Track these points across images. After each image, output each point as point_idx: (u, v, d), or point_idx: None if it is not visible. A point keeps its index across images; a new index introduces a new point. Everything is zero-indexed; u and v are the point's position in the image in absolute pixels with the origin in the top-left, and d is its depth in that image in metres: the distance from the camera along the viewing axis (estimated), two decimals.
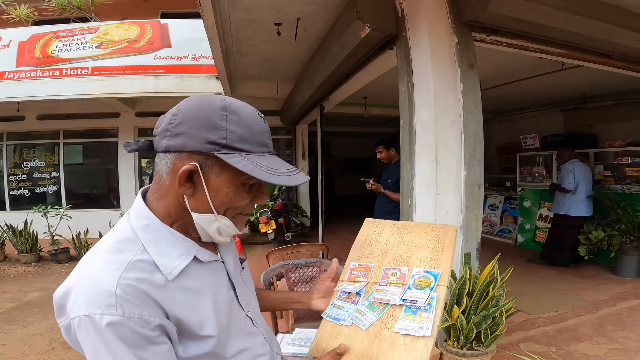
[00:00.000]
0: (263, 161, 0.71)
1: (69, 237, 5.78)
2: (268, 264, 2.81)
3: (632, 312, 3.37)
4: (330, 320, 0.95)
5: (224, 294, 0.79)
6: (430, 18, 2.47)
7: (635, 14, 2.87)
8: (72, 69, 6.64)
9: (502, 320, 2.30)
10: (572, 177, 4.77)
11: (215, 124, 0.67)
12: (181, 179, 0.68)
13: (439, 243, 1.02)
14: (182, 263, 0.70)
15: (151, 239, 0.69)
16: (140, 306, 0.61)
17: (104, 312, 0.59)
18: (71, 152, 8.16)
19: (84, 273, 0.65)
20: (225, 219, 0.74)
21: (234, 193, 0.73)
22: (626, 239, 4.36)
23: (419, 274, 0.96)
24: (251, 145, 0.70)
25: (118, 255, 0.65)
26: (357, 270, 1.03)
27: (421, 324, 0.85)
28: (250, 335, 0.83)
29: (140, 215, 0.72)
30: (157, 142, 0.71)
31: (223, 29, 3.66)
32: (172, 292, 0.67)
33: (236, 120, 0.69)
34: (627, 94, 5.83)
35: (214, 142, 0.67)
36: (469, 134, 2.57)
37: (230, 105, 0.70)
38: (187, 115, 0.68)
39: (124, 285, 0.61)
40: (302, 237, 6.63)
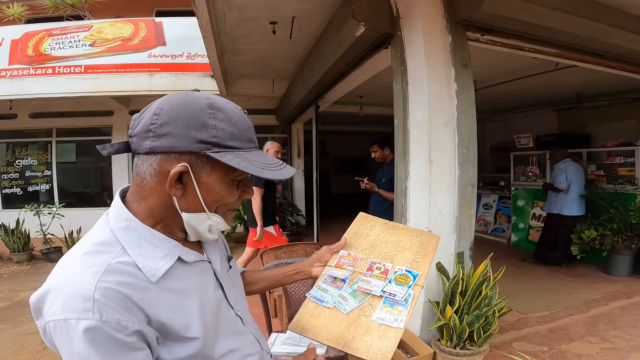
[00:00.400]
0: (253, 157, 0.71)
1: (61, 236, 5.73)
2: (262, 263, 2.80)
3: (623, 312, 3.39)
4: (313, 301, 1.00)
5: (211, 294, 0.78)
6: (425, 17, 2.48)
7: (629, 14, 2.88)
8: (65, 67, 6.58)
9: (495, 319, 2.32)
10: (565, 177, 4.81)
11: (205, 123, 0.67)
12: (172, 180, 0.66)
13: (422, 248, 1.11)
14: (166, 264, 0.68)
15: (132, 241, 0.67)
16: (119, 311, 0.59)
17: (80, 317, 0.57)
18: (64, 150, 8.07)
19: (61, 276, 0.63)
20: (216, 216, 0.74)
21: (225, 190, 0.73)
22: (618, 239, 4.38)
23: (400, 271, 1.05)
24: (240, 142, 0.70)
25: (97, 258, 0.63)
26: (346, 259, 1.10)
27: (396, 316, 0.94)
28: (239, 335, 0.82)
29: (120, 217, 0.70)
30: (136, 144, 0.68)
31: (218, 27, 3.64)
32: (156, 295, 0.65)
33: (224, 118, 0.69)
34: (620, 94, 5.88)
35: (204, 141, 0.66)
36: (463, 133, 2.58)
37: (215, 103, 0.69)
38: (171, 114, 0.66)
39: (103, 288, 0.59)
40: (297, 236, 6.62)
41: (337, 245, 1.13)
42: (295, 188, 8.09)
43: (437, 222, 2.56)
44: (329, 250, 1.11)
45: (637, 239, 4.27)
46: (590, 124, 6.64)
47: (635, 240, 4.28)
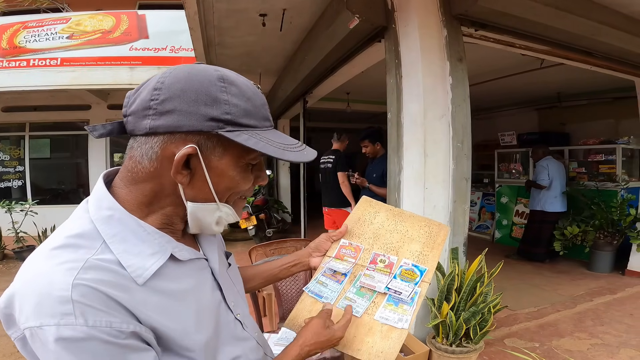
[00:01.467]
0: (271, 136, 0.62)
1: (34, 234, 5.50)
2: (250, 261, 2.72)
3: (608, 308, 3.46)
4: (311, 296, 0.93)
5: (209, 296, 0.68)
6: (420, 10, 2.44)
7: (619, 12, 2.93)
8: (40, 60, 6.34)
9: (491, 316, 2.31)
10: (547, 174, 4.91)
11: (216, 98, 0.57)
12: (179, 165, 0.56)
13: (430, 239, 1.01)
14: (156, 263, 0.58)
15: (115, 234, 0.57)
16: (107, 312, 0.50)
17: (59, 323, 0.47)
18: (38, 145, 7.78)
19: (28, 275, 0.52)
20: (227, 206, 0.65)
21: (240, 176, 0.64)
22: (600, 235, 4.49)
23: (407, 265, 0.96)
24: (256, 119, 0.61)
25: (72, 252, 0.53)
26: (347, 249, 1.00)
27: (401, 316, 0.86)
28: (240, 341, 0.73)
29: (102, 205, 0.59)
30: (132, 124, 0.58)
31: (205, 18, 3.52)
32: (144, 296, 0.55)
33: (237, 93, 0.59)
34: (598, 94, 6.05)
35: (216, 119, 0.57)
36: (457, 127, 2.56)
37: (227, 76, 0.60)
38: (175, 88, 0.56)
39: (81, 287, 0.49)
40: (284, 233, 6.54)
41: (338, 233, 1.02)
42: (280, 184, 7.99)
43: (432, 217, 2.49)
44: (328, 238, 1.02)
45: (618, 236, 4.38)
46: (570, 122, 6.81)
47: (616, 236, 4.39)
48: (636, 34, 3.07)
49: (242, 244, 6.21)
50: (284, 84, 5.24)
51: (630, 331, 2.95)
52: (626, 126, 5.68)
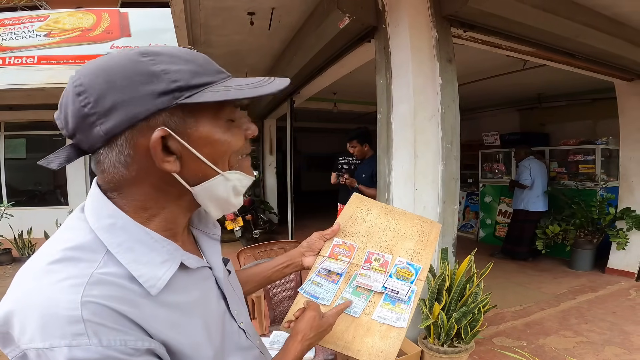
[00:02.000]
0: (234, 83, 0.56)
1: (10, 237, 5.32)
2: (239, 264, 2.67)
3: (591, 305, 3.54)
4: (306, 297, 0.91)
5: (215, 306, 0.65)
6: (411, 11, 2.45)
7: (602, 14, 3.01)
8: (16, 58, 6.14)
9: (481, 316, 2.33)
10: (529, 174, 5.03)
11: (151, 72, 0.50)
12: (158, 152, 0.51)
13: (423, 237, 1.01)
14: (168, 272, 0.54)
15: (120, 244, 0.52)
16: (120, 330, 0.47)
17: (71, 344, 0.44)
18: (13, 145, 7.51)
19: (26, 293, 0.47)
20: (233, 172, 0.59)
21: (227, 135, 0.57)
22: (580, 233, 4.60)
23: (401, 264, 0.95)
24: (208, 75, 0.54)
25: (72, 267, 0.48)
26: (341, 248, 0.99)
27: (399, 315, 0.87)
28: (244, 351, 0.69)
29: (102, 213, 0.54)
30: (85, 141, 0.52)
31: (192, 16, 3.45)
32: (153, 310, 0.52)
33: (170, 60, 0.52)
34: (577, 95, 6.24)
35: (166, 92, 0.50)
36: (447, 128, 2.58)
37: (148, 49, 0.53)
38: (98, 83, 0.49)
39: (91, 304, 0.45)
40: (271, 234, 6.47)
41: (330, 232, 1.00)
42: (267, 185, 7.93)
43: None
44: (320, 236, 0.99)
45: (598, 234, 4.50)
46: (549, 123, 7.00)
47: (596, 235, 4.51)
48: (617, 35, 3.16)
49: (228, 245, 6.12)
50: None
51: (614, 329, 3.02)
52: (604, 127, 5.86)
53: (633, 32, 3.30)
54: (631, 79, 4.07)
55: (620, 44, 3.21)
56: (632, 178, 4.25)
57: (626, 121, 4.27)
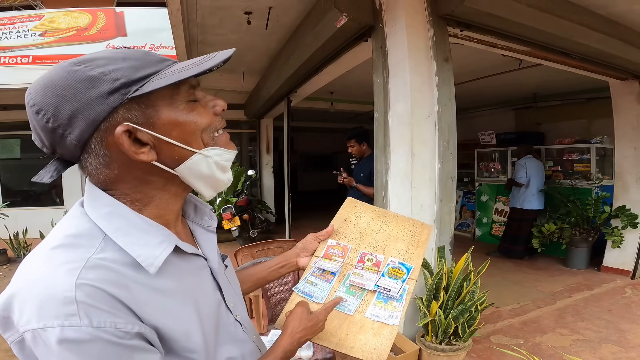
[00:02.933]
0: (178, 66, 0.58)
1: (5, 238, 5.32)
2: (236, 263, 2.66)
3: (587, 303, 3.56)
4: (301, 296, 0.93)
5: (210, 296, 0.67)
6: (408, 10, 2.45)
7: (597, 13, 3.02)
8: (11, 58, 6.09)
9: (478, 314, 2.34)
10: (524, 172, 5.07)
11: (90, 77, 0.52)
12: (127, 144, 0.53)
13: (415, 238, 1.05)
14: (164, 251, 0.57)
15: (118, 228, 0.55)
16: (112, 312, 0.49)
17: (63, 324, 0.46)
18: (8, 145, 7.43)
19: (27, 276, 0.51)
20: (211, 149, 0.62)
21: (191, 114, 0.59)
22: (576, 232, 4.64)
23: (393, 263, 0.98)
24: (150, 67, 0.56)
25: (72, 252, 0.51)
26: (335, 249, 1.02)
27: (391, 312, 0.89)
28: (239, 343, 0.72)
29: (99, 203, 0.57)
30: (64, 152, 0.56)
31: (188, 16, 3.44)
32: (146, 295, 0.54)
33: (106, 62, 0.54)
34: (572, 95, 6.28)
35: (113, 90, 0.52)
36: (443, 126, 2.59)
37: (79, 59, 0.54)
38: (49, 98, 0.52)
39: (85, 287, 0.48)
40: (268, 234, 6.47)
41: (325, 233, 1.03)
42: (264, 185, 7.91)
43: (419, 216, 2.55)
44: (315, 238, 1.02)
45: (593, 232, 4.54)
46: (545, 122, 7.04)
47: (591, 233, 4.54)
48: (612, 35, 3.18)
49: (225, 245, 6.11)
50: (268, 83, 5.19)
51: (610, 327, 3.04)
52: (598, 126, 5.91)
53: (628, 31, 3.32)
54: (626, 79, 4.10)
55: (614, 44, 3.23)
56: (627, 176, 4.28)
57: (621, 120, 4.30)
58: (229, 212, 5.56)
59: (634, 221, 4.11)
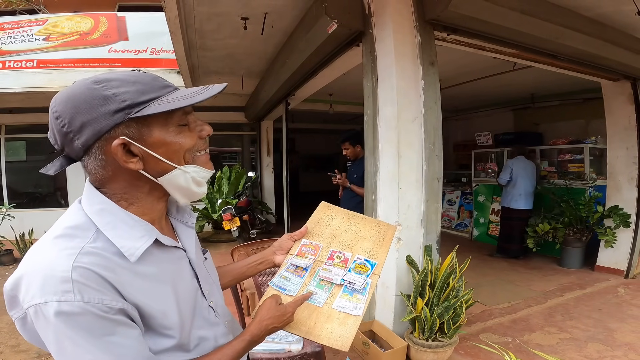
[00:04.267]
0: (176, 95, 0.69)
1: (12, 239, 5.42)
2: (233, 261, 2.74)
3: (578, 303, 3.61)
4: (275, 289, 1.01)
5: (187, 282, 0.78)
6: (395, 16, 2.53)
7: (582, 15, 3.07)
8: (16, 62, 6.23)
9: (463, 311, 2.41)
10: (508, 173, 5.17)
11: (103, 96, 0.64)
12: (120, 154, 0.65)
13: (380, 238, 1.14)
14: (144, 244, 0.68)
15: (108, 223, 0.67)
16: (100, 290, 0.59)
17: (60, 299, 0.56)
18: (14, 148, 7.57)
19: (34, 260, 0.62)
20: (190, 166, 0.73)
21: (178, 137, 0.71)
22: (570, 232, 4.67)
23: (359, 260, 1.08)
24: (153, 92, 0.68)
25: (70, 241, 0.63)
26: (307, 247, 1.11)
27: (355, 304, 0.97)
28: (212, 326, 0.83)
29: (94, 201, 0.69)
30: (71, 152, 0.68)
31: (186, 22, 3.54)
32: (130, 278, 0.65)
33: (118, 84, 0.66)
34: (570, 95, 6.30)
35: (118, 110, 0.64)
36: (429, 129, 2.66)
37: (100, 77, 0.67)
38: (68, 109, 0.64)
39: (80, 268, 0.58)
40: (268, 234, 6.55)
41: (298, 233, 1.13)
42: (264, 186, 8.00)
43: (406, 216, 2.62)
44: (290, 237, 1.12)
45: (587, 232, 4.58)
46: (543, 122, 7.06)
47: (585, 232, 4.58)
48: (598, 36, 3.23)
49: (226, 245, 6.21)
50: (267, 86, 5.28)
51: (598, 325, 3.09)
52: (596, 126, 5.91)
53: (615, 32, 3.37)
54: (617, 79, 4.15)
55: (601, 45, 3.28)
56: (619, 176, 4.32)
57: (613, 121, 4.34)
58: (229, 213, 5.65)
59: (627, 221, 4.15)
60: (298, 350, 2.01)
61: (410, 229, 2.64)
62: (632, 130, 4.16)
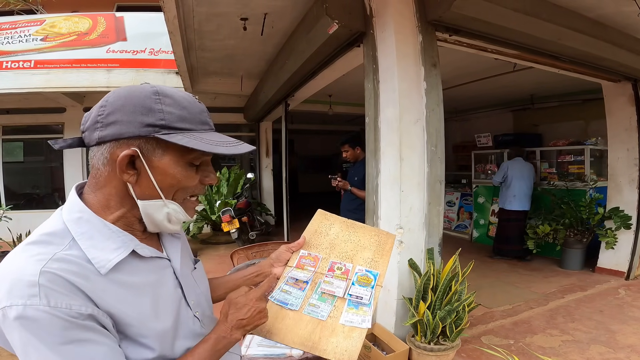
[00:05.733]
0: (206, 136, 0.70)
1: (9, 240, 5.32)
2: (232, 264, 2.72)
3: (579, 304, 3.60)
4: (277, 304, 0.98)
5: (170, 292, 0.75)
6: (397, 16, 2.51)
7: (584, 16, 3.06)
8: (13, 62, 6.15)
9: (465, 314, 2.38)
10: (502, 174, 5.21)
11: (150, 108, 0.66)
12: (122, 164, 0.66)
13: (380, 247, 1.12)
14: (118, 256, 0.66)
15: (83, 232, 0.66)
16: (68, 295, 0.58)
17: (26, 303, 0.55)
18: (11, 149, 7.53)
19: (5, 265, 0.60)
20: (174, 203, 0.73)
21: (181, 174, 0.71)
22: (570, 233, 4.67)
23: (361, 271, 1.05)
24: (191, 123, 0.70)
25: (43, 247, 0.61)
26: (306, 259, 1.08)
27: (363, 317, 0.96)
28: (197, 337, 0.79)
29: (73, 209, 0.68)
30: (87, 138, 0.69)
31: (185, 22, 3.52)
32: (104, 285, 0.63)
33: (171, 103, 0.68)
34: (570, 96, 6.30)
35: (151, 125, 0.66)
36: (431, 131, 2.64)
37: (162, 90, 0.69)
38: (117, 104, 0.66)
39: (48, 274, 0.57)
40: (267, 236, 6.53)
41: (296, 244, 1.10)
42: (263, 187, 7.97)
43: (408, 219, 2.60)
44: (288, 249, 1.08)
45: (587, 233, 4.57)
46: (542, 123, 7.05)
47: (586, 234, 4.58)
48: (600, 37, 3.22)
49: (225, 247, 6.18)
50: (266, 87, 5.26)
51: (600, 327, 3.08)
52: (595, 127, 5.91)
53: (616, 33, 3.36)
54: (618, 80, 4.14)
55: (603, 46, 3.27)
56: (620, 178, 4.31)
57: (613, 122, 4.34)
58: (228, 215, 5.62)
59: (627, 222, 4.14)
60: (299, 355, 1.99)
61: (412, 232, 2.62)
62: (632, 131, 4.16)
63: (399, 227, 2.57)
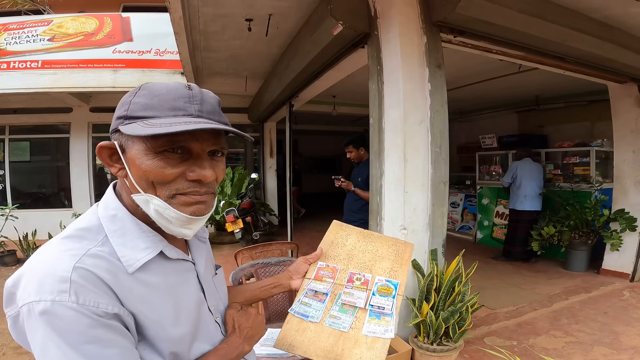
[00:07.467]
0: (168, 121, 0.63)
1: (15, 239, 5.42)
2: (236, 264, 2.74)
3: (583, 306, 3.58)
4: (297, 316, 0.98)
5: (192, 295, 0.76)
6: (401, 18, 2.51)
7: (590, 17, 3.05)
8: (20, 62, 6.21)
9: (468, 315, 2.39)
10: (511, 175, 5.20)
11: (124, 101, 0.68)
12: (101, 157, 0.68)
13: (398, 257, 1.12)
14: (146, 256, 0.67)
15: (116, 230, 0.66)
16: (97, 293, 0.57)
17: (55, 299, 0.54)
18: (18, 148, 7.60)
19: (38, 258, 0.60)
20: (156, 198, 0.66)
21: (149, 165, 0.64)
22: (575, 235, 4.64)
23: (381, 282, 1.06)
24: (156, 111, 0.64)
25: (78, 242, 0.62)
26: (325, 270, 1.08)
27: (386, 327, 0.96)
28: (217, 342, 0.80)
29: (109, 206, 0.69)
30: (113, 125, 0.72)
31: (191, 23, 3.54)
32: (130, 284, 0.63)
33: (145, 94, 0.67)
34: (575, 97, 6.27)
35: (119, 117, 0.67)
36: (436, 132, 2.64)
37: (147, 84, 0.68)
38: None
39: (81, 269, 0.57)
40: (271, 236, 6.55)
41: (314, 256, 1.10)
42: (267, 188, 8.00)
43: (412, 220, 2.61)
44: (305, 261, 1.09)
45: (592, 235, 4.55)
46: (548, 125, 7.02)
47: (591, 236, 4.55)
48: (606, 39, 3.20)
49: (228, 247, 6.21)
50: (270, 88, 5.28)
51: (604, 329, 3.06)
52: (601, 128, 5.88)
53: (623, 35, 3.35)
54: (624, 82, 4.12)
55: (609, 47, 3.26)
56: (626, 180, 4.29)
57: (619, 123, 4.31)
58: (232, 215, 5.65)
59: (633, 224, 4.12)
60: None
61: (416, 232, 2.62)
62: (639, 133, 4.13)
63: (403, 228, 2.58)
